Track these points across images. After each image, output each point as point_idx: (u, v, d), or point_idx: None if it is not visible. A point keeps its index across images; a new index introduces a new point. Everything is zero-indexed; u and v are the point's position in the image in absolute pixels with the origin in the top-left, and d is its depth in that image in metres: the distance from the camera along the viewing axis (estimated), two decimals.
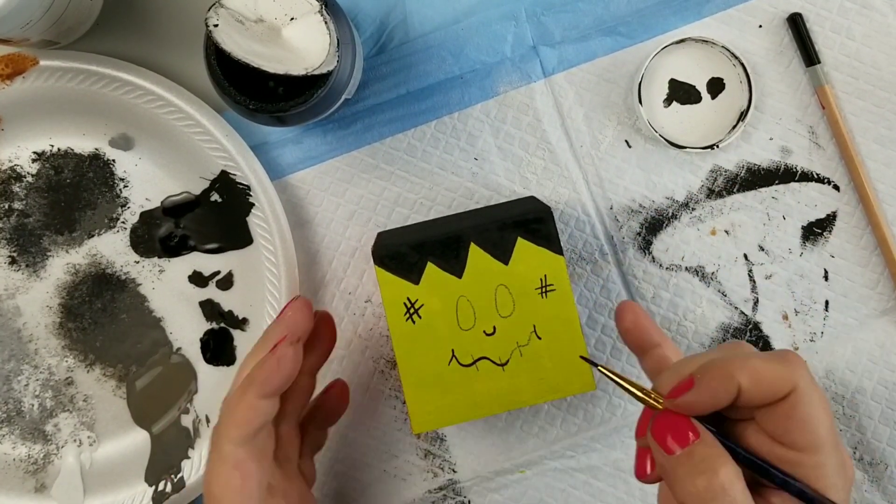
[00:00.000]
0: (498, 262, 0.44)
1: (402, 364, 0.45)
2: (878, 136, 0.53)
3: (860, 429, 0.54)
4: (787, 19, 0.53)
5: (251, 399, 0.41)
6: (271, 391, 0.42)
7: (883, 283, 0.53)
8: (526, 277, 0.44)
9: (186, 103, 0.51)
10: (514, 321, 0.44)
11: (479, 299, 0.44)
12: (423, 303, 0.44)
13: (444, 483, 0.55)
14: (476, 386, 0.45)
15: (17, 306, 0.53)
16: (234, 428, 0.41)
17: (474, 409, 0.45)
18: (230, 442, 0.41)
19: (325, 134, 0.54)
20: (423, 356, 0.45)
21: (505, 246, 0.44)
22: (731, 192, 0.54)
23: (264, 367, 0.42)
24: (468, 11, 0.53)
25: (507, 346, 0.45)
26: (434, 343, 0.45)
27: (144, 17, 0.53)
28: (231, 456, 0.41)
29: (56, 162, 0.53)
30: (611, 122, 0.53)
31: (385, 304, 0.44)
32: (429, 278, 0.44)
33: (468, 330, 0.44)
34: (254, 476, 0.41)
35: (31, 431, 0.53)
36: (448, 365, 0.45)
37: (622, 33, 0.53)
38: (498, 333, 0.44)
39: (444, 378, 0.45)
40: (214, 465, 0.41)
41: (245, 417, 0.41)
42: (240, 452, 0.41)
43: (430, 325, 0.44)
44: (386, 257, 0.44)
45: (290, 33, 0.41)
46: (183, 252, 0.54)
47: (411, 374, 0.45)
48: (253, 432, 0.42)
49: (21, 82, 0.50)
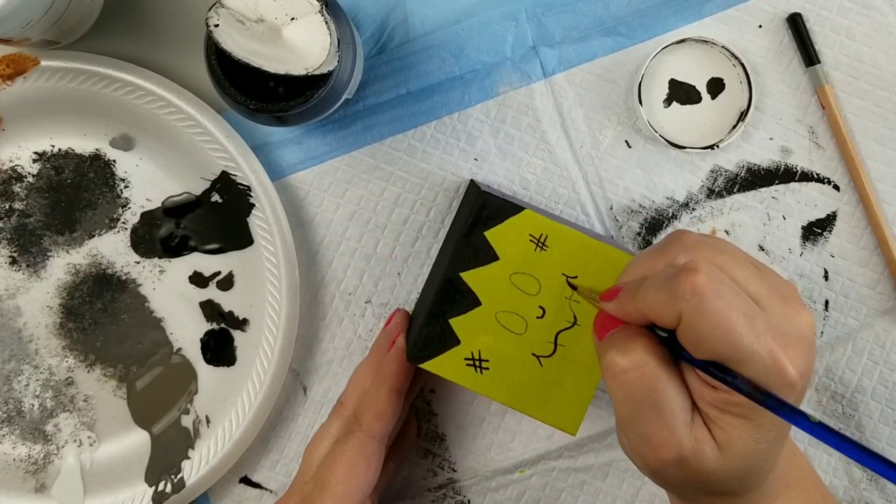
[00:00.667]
0: (493, 265, 0.45)
1: (513, 404, 0.45)
2: (878, 135, 0.53)
3: (860, 428, 0.54)
4: (786, 19, 0.53)
5: (387, 392, 0.46)
6: (403, 383, 0.47)
7: (883, 283, 0.53)
8: (520, 251, 0.45)
9: (187, 104, 0.51)
10: (547, 288, 0.45)
11: (509, 303, 0.45)
12: (478, 349, 0.45)
13: (444, 482, 0.55)
14: (575, 356, 0.45)
15: (17, 306, 0.53)
16: (375, 419, 0.46)
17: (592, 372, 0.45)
18: (369, 432, 0.46)
19: (325, 134, 0.54)
20: (520, 382, 0.45)
21: (483, 249, 0.45)
22: (731, 192, 0.54)
23: (392, 361, 0.47)
24: (468, 11, 0.53)
25: (562, 307, 0.45)
26: (516, 366, 0.45)
27: (145, 17, 0.53)
28: (366, 446, 0.45)
29: (57, 162, 0.53)
30: (611, 123, 0.54)
31: (457, 382, 0.45)
32: (462, 330, 0.45)
33: (526, 331, 0.45)
34: (374, 472, 0.45)
35: (32, 431, 0.53)
36: (542, 367, 0.45)
37: (622, 33, 0.53)
38: (547, 309, 0.45)
39: (550, 377, 0.45)
40: (349, 447, 0.45)
41: (382, 410, 0.46)
42: (374, 444, 0.46)
43: (500, 358, 0.45)
44: (420, 351, 0.45)
45: (291, 33, 0.41)
46: (183, 252, 0.54)
47: (527, 403, 0.45)
48: (388, 428, 0.46)
49: (22, 82, 0.50)
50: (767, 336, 0.34)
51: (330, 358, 0.54)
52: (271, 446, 0.55)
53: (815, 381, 0.54)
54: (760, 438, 0.35)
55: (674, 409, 0.35)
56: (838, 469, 0.54)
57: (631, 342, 0.37)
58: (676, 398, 0.36)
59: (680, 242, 0.38)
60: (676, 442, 0.35)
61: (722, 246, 0.37)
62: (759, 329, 0.34)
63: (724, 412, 0.35)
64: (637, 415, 0.36)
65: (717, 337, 0.33)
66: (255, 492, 0.55)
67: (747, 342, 0.33)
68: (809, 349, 0.35)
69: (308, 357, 0.55)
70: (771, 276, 0.37)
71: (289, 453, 0.55)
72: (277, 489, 0.55)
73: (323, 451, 0.47)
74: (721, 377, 0.34)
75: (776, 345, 0.33)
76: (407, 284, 0.54)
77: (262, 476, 0.55)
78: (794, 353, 0.34)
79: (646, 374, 0.36)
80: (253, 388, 0.52)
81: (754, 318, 0.34)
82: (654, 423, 0.36)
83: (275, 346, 0.52)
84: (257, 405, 0.52)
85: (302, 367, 0.55)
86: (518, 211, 0.44)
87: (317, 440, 0.48)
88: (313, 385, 0.55)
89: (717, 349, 0.34)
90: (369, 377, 0.48)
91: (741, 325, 0.33)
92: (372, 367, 0.49)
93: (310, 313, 0.54)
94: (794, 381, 0.34)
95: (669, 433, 0.35)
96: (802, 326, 0.35)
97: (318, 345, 0.54)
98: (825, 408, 0.54)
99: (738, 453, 0.35)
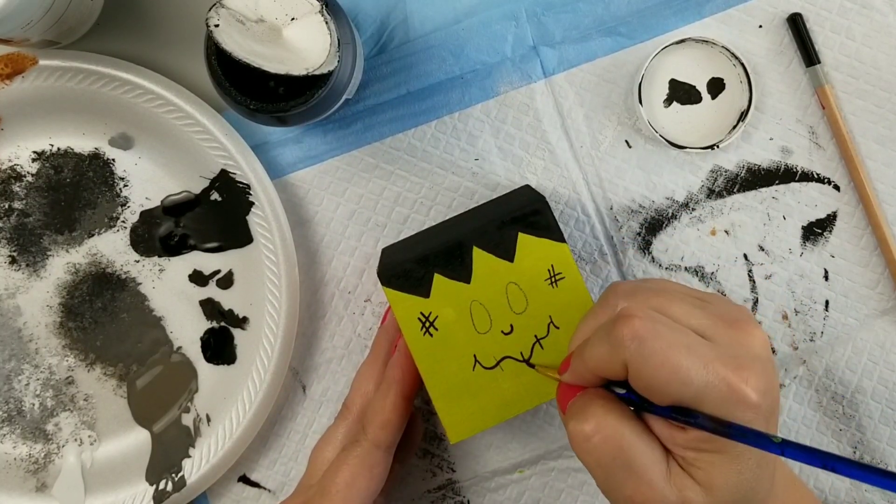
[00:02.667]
0: (503, 262, 0.44)
1: (427, 378, 0.45)
2: (878, 136, 0.53)
3: (860, 428, 0.54)
4: (787, 19, 0.53)
5: (395, 398, 0.46)
6: (410, 389, 0.46)
7: (883, 283, 0.54)
8: (534, 271, 0.44)
9: (186, 103, 0.51)
10: (529, 316, 0.44)
11: (491, 301, 0.44)
12: (437, 314, 0.44)
13: (443, 483, 0.55)
14: (504, 385, 0.45)
15: (17, 306, 0.53)
16: (380, 428, 0.45)
17: (506, 409, 0.45)
18: (375, 442, 0.45)
19: (325, 133, 0.54)
20: (447, 367, 0.45)
21: (507, 244, 0.44)
22: (731, 193, 0.54)
23: (397, 366, 0.46)
24: (469, 11, 0.53)
25: (527, 341, 0.45)
26: (455, 352, 0.45)
27: (145, 17, 0.53)
28: (370, 456, 0.45)
29: (56, 161, 0.53)
30: (611, 123, 0.53)
31: (399, 323, 0.44)
32: (438, 290, 0.44)
33: (486, 333, 0.45)
34: (377, 482, 0.45)
35: (32, 431, 0.53)
36: (473, 370, 0.45)
37: (622, 33, 0.53)
38: (516, 331, 0.45)
39: (471, 384, 0.45)
40: (353, 456, 0.45)
41: (389, 418, 0.45)
42: (378, 455, 0.45)
43: (448, 335, 0.45)
44: (393, 276, 0.44)
45: (291, 33, 0.41)
46: (183, 251, 0.54)
47: (438, 386, 0.45)
48: (396, 436, 0.46)
49: (21, 82, 0.50)
50: (717, 364, 0.33)
51: (329, 357, 0.55)
52: (270, 445, 0.55)
53: (815, 382, 0.54)
54: (742, 469, 0.34)
55: (646, 464, 0.35)
56: None
57: (588, 407, 0.36)
58: (647, 451, 0.35)
59: (614, 293, 0.38)
60: (659, 496, 0.34)
61: (657, 286, 0.37)
62: (707, 358, 0.33)
63: (700, 451, 0.34)
64: (612, 479, 0.35)
65: (666, 377, 0.33)
66: (253, 491, 0.55)
67: (696, 374, 0.33)
68: (766, 368, 0.34)
69: (307, 356, 0.55)
70: (716, 303, 0.37)
71: (287, 452, 0.55)
72: (275, 488, 0.55)
73: (329, 456, 0.47)
74: (683, 420, 0.34)
75: (728, 370, 0.33)
76: None
77: (261, 475, 0.55)
78: (749, 375, 0.33)
79: (609, 436, 0.35)
80: (253, 386, 0.52)
81: (698, 349, 0.33)
82: (631, 482, 0.35)
83: (275, 345, 0.52)
84: (257, 403, 0.52)
85: (301, 366, 0.55)
86: (560, 240, 0.44)
87: (323, 444, 0.48)
88: (312, 384, 0.55)
89: (670, 389, 0.33)
90: (373, 380, 0.48)
91: (686, 359, 0.33)
92: (375, 369, 0.48)
93: (309, 312, 0.54)
94: (756, 402, 0.33)
95: (650, 489, 0.34)
96: (755, 347, 0.35)
97: (318, 343, 0.55)
98: (825, 408, 0.54)
99: (723, 489, 0.34)
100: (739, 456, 0.34)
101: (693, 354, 0.33)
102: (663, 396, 0.34)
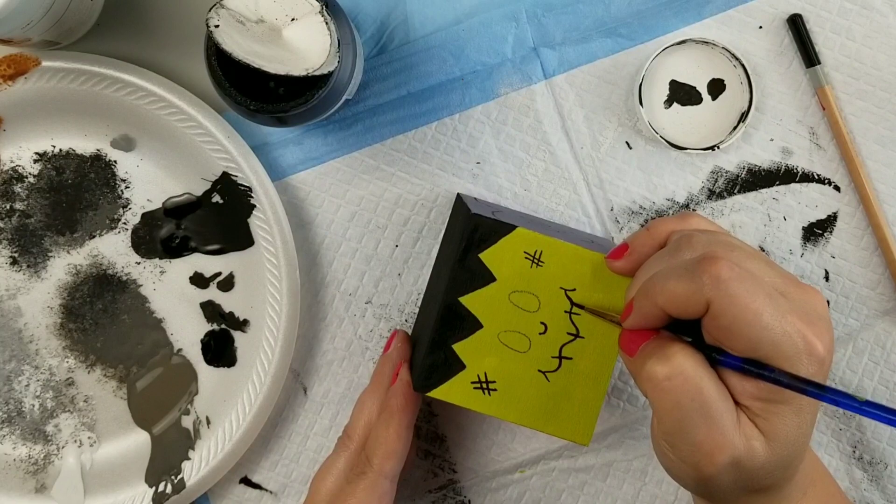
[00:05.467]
0: (490, 286, 0.45)
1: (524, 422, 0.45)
2: (878, 136, 0.53)
3: (860, 428, 0.54)
4: (787, 20, 0.53)
5: (397, 427, 0.46)
6: (412, 418, 0.46)
7: (883, 284, 0.53)
8: (516, 269, 0.45)
9: (187, 104, 0.51)
10: (546, 304, 0.45)
11: (511, 322, 0.45)
12: (484, 370, 0.45)
13: (444, 483, 0.55)
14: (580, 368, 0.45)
15: (18, 307, 0.53)
16: (386, 459, 0.45)
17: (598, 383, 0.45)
18: (381, 472, 0.45)
19: (325, 135, 0.54)
20: (529, 400, 0.45)
21: (479, 272, 0.45)
22: (731, 194, 0.54)
23: (399, 395, 0.46)
24: (469, 12, 0.53)
25: (563, 321, 0.45)
26: (523, 384, 0.45)
27: (145, 18, 0.53)
28: (377, 486, 0.45)
29: (57, 163, 0.53)
30: (611, 124, 0.54)
31: (466, 406, 0.45)
32: (466, 354, 0.45)
33: (530, 349, 0.45)
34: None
35: (32, 432, 0.53)
36: (549, 382, 0.45)
37: (623, 35, 0.53)
38: (549, 324, 0.45)
39: (558, 392, 0.45)
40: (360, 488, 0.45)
41: (393, 448, 0.45)
42: (385, 485, 0.45)
43: (507, 378, 0.45)
44: (426, 380, 0.45)
45: (291, 34, 0.41)
46: (184, 253, 0.54)
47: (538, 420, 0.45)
48: (400, 465, 0.46)
49: (23, 83, 0.50)
50: (793, 316, 0.34)
51: (330, 358, 0.54)
52: (271, 447, 0.55)
53: None
54: (801, 422, 0.36)
55: (722, 411, 0.35)
56: (839, 470, 0.54)
57: (668, 349, 0.36)
58: (722, 399, 0.36)
59: (689, 243, 0.38)
60: (729, 443, 0.35)
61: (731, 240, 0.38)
62: (784, 310, 0.34)
63: (769, 401, 0.35)
64: (685, 421, 0.36)
65: (749, 318, 0.34)
66: (254, 492, 0.55)
67: (777, 323, 0.34)
68: (829, 327, 0.36)
69: (308, 358, 0.55)
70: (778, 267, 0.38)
71: (289, 454, 0.55)
72: (277, 490, 0.55)
73: (330, 486, 0.46)
74: (758, 373, 0.35)
75: (803, 324, 0.34)
76: (407, 285, 0.54)
77: (262, 477, 0.55)
78: (819, 331, 0.35)
79: (690, 378, 0.35)
80: (253, 388, 0.52)
81: (777, 300, 0.35)
82: (705, 427, 0.35)
83: (275, 347, 0.52)
84: (258, 406, 0.52)
85: (302, 368, 0.55)
86: (510, 230, 0.44)
87: (323, 473, 0.47)
88: (313, 385, 0.55)
89: (750, 332, 0.34)
90: (375, 408, 0.48)
91: (769, 307, 0.34)
92: (377, 398, 0.48)
93: (310, 314, 0.54)
94: (823, 357, 0.34)
95: (721, 435, 0.35)
96: (819, 307, 0.36)
97: (319, 345, 0.54)
98: (825, 409, 0.54)
99: (783, 441, 0.36)
100: (802, 409, 0.35)
101: (773, 303, 0.34)
102: (740, 339, 0.35)
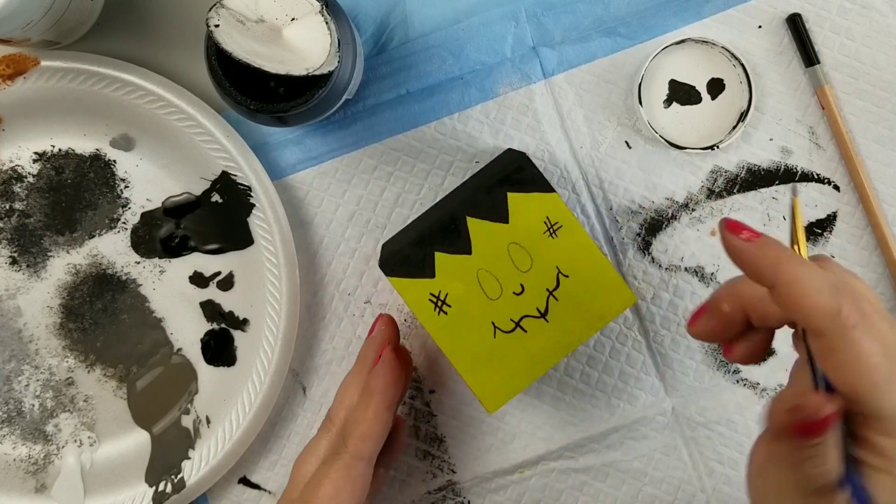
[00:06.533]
0: (499, 224, 0.45)
1: (451, 355, 0.45)
2: (878, 136, 0.53)
3: None
4: (786, 20, 0.53)
5: (376, 409, 0.45)
6: (392, 400, 0.46)
7: (883, 284, 0.53)
8: (530, 226, 0.45)
9: (187, 104, 0.51)
10: (536, 272, 0.45)
11: (496, 266, 0.45)
12: (447, 291, 0.45)
13: (444, 484, 0.55)
14: (528, 345, 0.45)
15: (17, 306, 0.53)
16: (362, 441, 0.45)
17: (535, 368, 0.45)
18: (356, 454, 0.45)
19: (325, 134, 0.54)
20: (468, 340, 0.45)
21: (498, 206, 0.45)
22: (731, 193, 0.54)
23: (380, 376, 0.46)
24: (468, 12, 0.53)
25: (540, 296, 0.45)
26: (472, 324, 0.45)
27: (145, 18, 0.53)
28: (352, 468, 0.44)
29: (57, 162, 0.53)
30: (611, 123, 0.54)
31: (412, 308, 0.45)
32: (442, 267, 0.45)
33: (498, 298, 0.45)
34: (360, 494, 0.45)
35: (32, 432, 0.53)
36: (494, 338, 0.45)
37: (622, 34, 0.53)
38: (527, 289, 0.45)
39: (496, 351, 0.45)
40: (335, 469, 0.44)
41: (370, 429, 0.45)
42: (360, 466, 0.45)
43: (462, 309, 0.45)
44: (395, 265, 0.45)
45: (291, 33, 0.41)
46: (184, 253, 0.54)
47: (463, 362, 0.45)
48: (377, 447, 0.45)
49: (22, 82, 0.50)
50: None
51: (329, 358, 0.55)
52: (270, 447, 0.55)
53: None
54: None
55: None
56: None
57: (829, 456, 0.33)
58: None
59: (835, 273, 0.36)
60: None
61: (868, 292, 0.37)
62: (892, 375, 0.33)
63: None
64: None
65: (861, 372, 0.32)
66: (253, 492, 0.55)
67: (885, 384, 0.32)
68: None
69: (307, 357, 0.55)
70: None
71: (287, 454, 0.55)
72: (276, 490, 0.55)
73: (311, 469, 0.46)
74: None
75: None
76: None
77: (261, 476, 0.55)
78: None
79: None
80: (253, 388, 0.52)
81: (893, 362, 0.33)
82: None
83: (275, 347, 0.52)
84: (257, 405, 0.52)
85: (301, 368, 0.55)
86: (549, 190, 0.45)
87: (305, 456, 0.47)
88: (312, 385, 0.55)
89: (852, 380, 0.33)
90: (356, 391, 0.47)
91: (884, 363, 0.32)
92: (358, 380, 0.48)
93: (309, 313, 0.54)
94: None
95: None
96: None
97: (318, 345, 0.55)
98: None
99: None
100: None
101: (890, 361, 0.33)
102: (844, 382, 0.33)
